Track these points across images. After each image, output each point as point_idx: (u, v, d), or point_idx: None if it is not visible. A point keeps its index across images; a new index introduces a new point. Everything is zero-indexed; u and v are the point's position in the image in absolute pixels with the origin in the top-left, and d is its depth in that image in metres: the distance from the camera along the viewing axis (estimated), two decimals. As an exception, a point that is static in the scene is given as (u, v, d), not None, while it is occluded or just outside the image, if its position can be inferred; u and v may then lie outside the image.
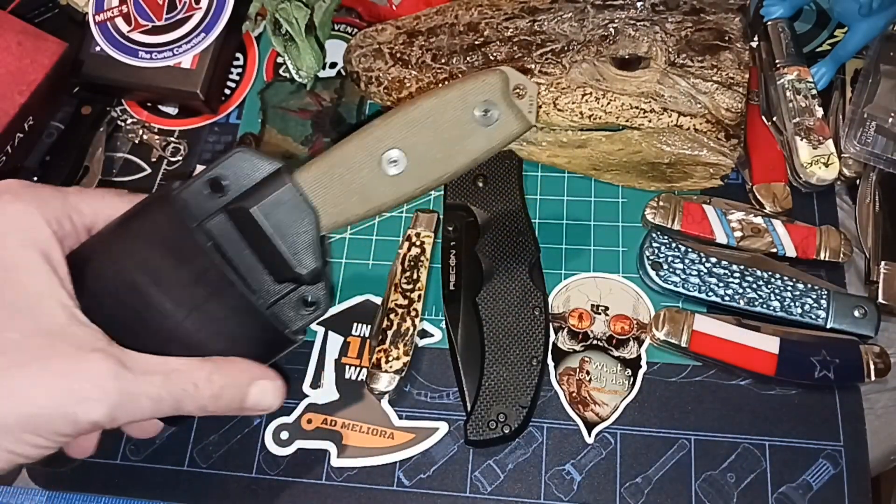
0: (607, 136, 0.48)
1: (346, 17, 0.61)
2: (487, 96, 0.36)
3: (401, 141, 0.36)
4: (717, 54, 0.47)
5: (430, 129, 0.36)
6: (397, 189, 0.36)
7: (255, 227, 0.35)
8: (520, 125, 0.36)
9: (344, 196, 0.36)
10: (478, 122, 0.36)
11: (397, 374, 0.45)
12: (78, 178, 0.55)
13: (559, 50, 0.48)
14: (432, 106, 0.36)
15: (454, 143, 0.36)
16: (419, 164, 0.36)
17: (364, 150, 0.36)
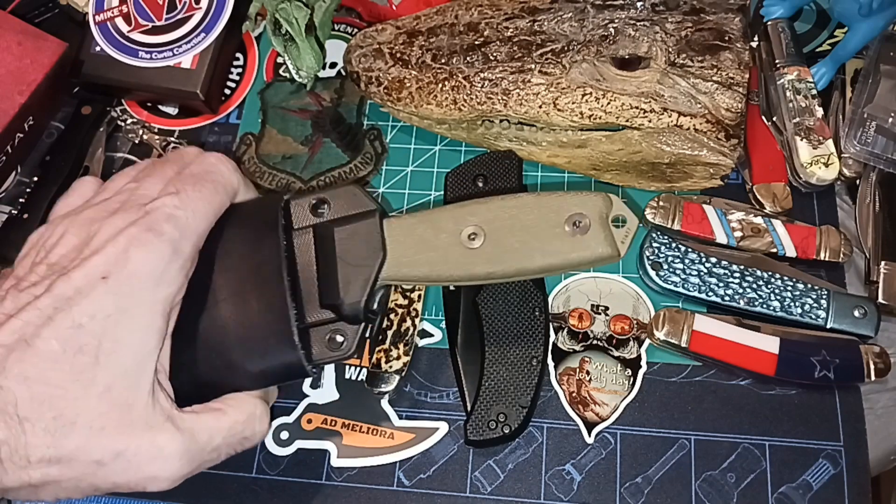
0: (607, 136, 0.48)
1: (346, 17, 0.61)
2: (584, 210, 0.36)
3: (488, 221, 0.37)
4: (717, 54, 0.47)
5: (517, 220, 0.36)
6: (467, 263, 0.36)
7: (329, 248, 0.37)
8: (606, 250, 0.36)
9: (416, 252, 0.37)
10: (566, 231, 0.36)
11: (397, 374, 0.45)
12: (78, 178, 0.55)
13: (559, 50, 0.48)
14: (528, 201, 0.37)
15: (536, 240, 0.36)
16: (495, 247, 0.36)
17: (452, 217, 0.37)
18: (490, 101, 0.48)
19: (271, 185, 0.54)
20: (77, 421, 0.31)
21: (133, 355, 0.32)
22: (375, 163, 0.54)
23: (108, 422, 0.31)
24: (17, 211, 0.52)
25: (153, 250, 0.33)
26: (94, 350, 0.31)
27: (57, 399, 0.30)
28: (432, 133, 0.54)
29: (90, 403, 0.31)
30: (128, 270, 0.32)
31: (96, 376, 0.31)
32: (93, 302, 0.32)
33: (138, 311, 0.32)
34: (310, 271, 0.37)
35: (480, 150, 0.54)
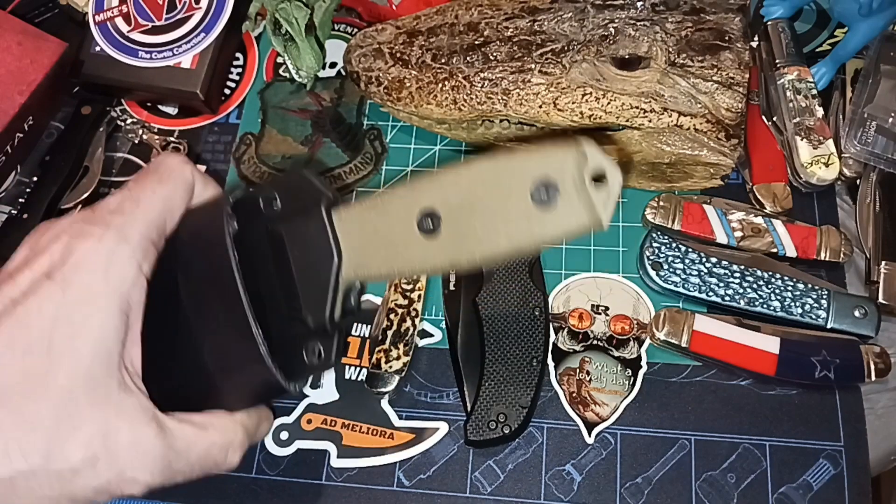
0: (607, 137, 0.48)
1: (346, 17, 0.61)
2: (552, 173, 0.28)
3: (442, 202, 0.30)
4: (717, 54, 0.47)
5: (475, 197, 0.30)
6: (426, 255, 0.31)
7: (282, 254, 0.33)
8: (586, 219, 0.28)
9: (372, 249, 0.32)
10: (533, 202, 0.28)
11: (397, 374, 0.45)
12: (78, 178, 0.55)
13: (559, 50, 0.48)
14: (485, 170, 0.29)
15: (500, 220, 0.29)
16: (455, 234, 0.30)
17: (403, 201, 0.31)
18: (490, 101, 0.48)
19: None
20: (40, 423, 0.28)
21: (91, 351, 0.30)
22: (375, 163, 0.54)
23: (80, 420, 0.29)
24: (17, 211, 0.52)
25: (96, 239, 0.31)
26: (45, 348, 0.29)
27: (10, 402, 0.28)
28: (432, 133, 0.54)
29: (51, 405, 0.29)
30: (71, 262, 0.31)
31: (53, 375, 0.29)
32: (37, 300, 0.30)
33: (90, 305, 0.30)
34: (272, 283, 0.33)
35: (480, 150, 0.53)
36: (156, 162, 0.36)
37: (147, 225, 0.33)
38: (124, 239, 0.32)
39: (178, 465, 0.32)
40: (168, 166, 0.35)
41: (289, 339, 0.33)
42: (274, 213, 0.34)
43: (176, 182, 0.35)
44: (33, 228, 0.34)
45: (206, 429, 0.34)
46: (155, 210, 0.33)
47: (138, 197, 0.33)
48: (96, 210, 0.33)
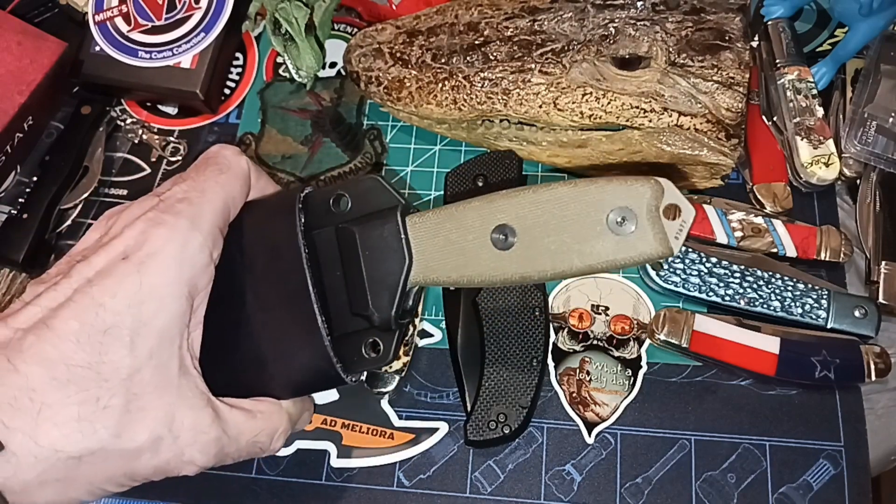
0: (607, 136, 0.48)
1: (346, 17, 0.61)
2: (629, 203, 0.30)
3: (518, 219, 0.32)
4: (717, 54, 0.47)
5: (552, 217, 0.31)
6: (498, 266, 0.33)
7: (353, 252, 0.35)
8: (657, 248, 0.30)
9: (444, 254, 0.33)
10: (609, 227, 0.30)
11: (397, 374, 0.45)
12: (77, 178, 0.55)
13: (559, 50, 0.48)
14: (564, 193, 0.31)
15: (574, 240, 0.31)
16: (528, 248, 0.32)
17: (479, 215, 0.33)
18: (490, 101, 0.48)
19: (271, 184, 0.54)
20: (111, 405, 0.30)
21: (158, 337, 0.31)
22: (375, 163, 0.54)
23: (147, 403, 0.31)
24: (17, 211, 0.52)
25: (171, 228, 0.32)
26: (120, 330, 0.30)
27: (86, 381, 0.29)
28: (432, 133, 0.54)
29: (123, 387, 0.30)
30: (147, 248, 0.32)
31: (124, 358, 0.30)
32: (115, 281, 0.31)
33: (162, 291, 0.31)
34: (336, 277, 0.35)
35: (480, 149, 0.53)
36: (212, 153, 0.37)
37: (215, 213, 0.34)
38: (197, 227, 0.33)
39: (228, 449, 0.34)
40: (225, 157, 0.36)
41: (349, 333, 0.35)
42: (343, 213, 0.35)
43: (235, 172, 0.36)
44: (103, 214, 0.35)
45: (255, 416, 0.35)
46: (220, 199, 0.35)
47: (203, 187, 0.35)
48: (164, 198, 0.34)
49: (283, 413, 0.36)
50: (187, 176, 0.36)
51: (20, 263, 0.51)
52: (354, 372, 0.36)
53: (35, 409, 0.28)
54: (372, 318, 0.34)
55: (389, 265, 0.34)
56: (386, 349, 0.35)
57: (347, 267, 0.35)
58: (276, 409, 0.36)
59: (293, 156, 0.55)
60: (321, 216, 0.36)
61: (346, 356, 0.35)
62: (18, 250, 0.51)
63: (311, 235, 0.36)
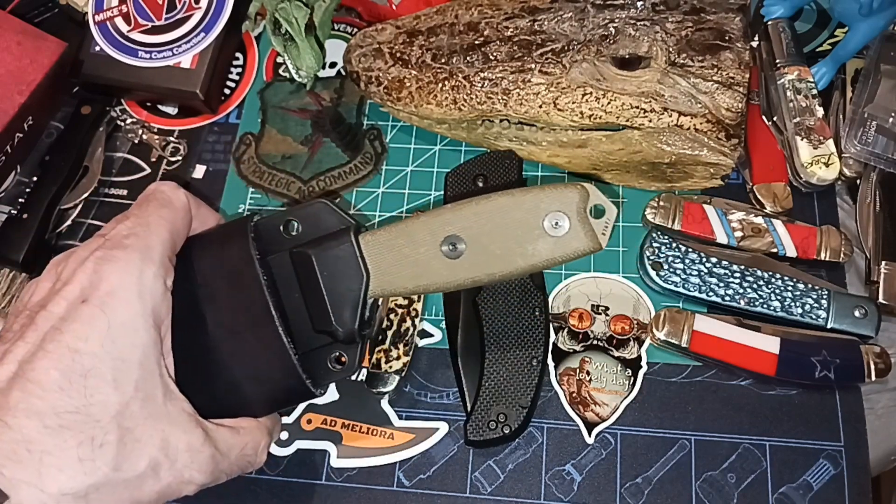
0: (607, 136, 0.48)
1: (346, 17, 0.61)
2: (561, 207, 0.35)
3: (465, 229, 0.36)
4: (717, 54, 0.47)
5: (495, 225, 0.35)
6: (450, 273, 0.36)
7: (310, 274, 0.36)
8: (588, 244, 0.35)
9: (398, 267, 0.36)
10: (545, 230, 0.35)
11: (397, 375, 0.45)
12: (77, 178, 0.55)
13: (559, 50, 0.48)
14: (504, 203, 0.36)
15: (516, 244, 0.35)
16: (477, 255, 0.36)
17: (428, 229, 0.36)
18: (490, 101, 0.48)
19: (271, 184, 0.54)
20: (107, 441, 0.31)
21: (139, 368, 0.32)
22: (375, 163, 0.54)
23: (140, 433, 0.32)
24: (17, 211, 0.52)
25: (122, 262, 0.33)
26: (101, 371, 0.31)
27: (77, 425, 0.30)
28: (432, 133, 0.54)
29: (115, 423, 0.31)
30: (105, 287, 0.32)
31: (111, 396, 0.31)
32: (81, 326, 0.31)
33: (131, 325, 0.32)
34: (295, 298, 0.37)
35: (480, 150, 0.53)
36: (151, 190, 0.38)
37: (163, 244, 0.35)
38: (148, 259, 0.34)
39: (222, 465, 0.35)
40: (164, 192, 0.38)
41: (314, 349, 0.37)
42: (294, 238, 0.38)
43: (175, 206, 0.38)
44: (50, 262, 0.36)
45: (240, 431, 0.37)
46: (166, 231, 0.36)
47: (147, 221, 0.36)
48: (109, 237, 0.35)
49: (263, 427, 0.38)
50: (130, 214, 0.37)
51: (20, 263, 0.51)
52: (323, 385, 0.38)
53: (36, 459, 0.29)
54: (336, 334, 0.37)
55: (348, 282, 0.36)
56: (351, 360, 0.37)
57: (306, 288, 0.37)
58: (256, 424, 0.38)
59: (293, 156, 0.55)
60: (273, 241, 0.37)
61: (314, 371, 0.37)
62: (18, 250, 0.51)
63: (265, 261, 0.37)
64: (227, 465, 0.35)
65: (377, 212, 0.53)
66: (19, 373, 0.30)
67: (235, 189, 0.55)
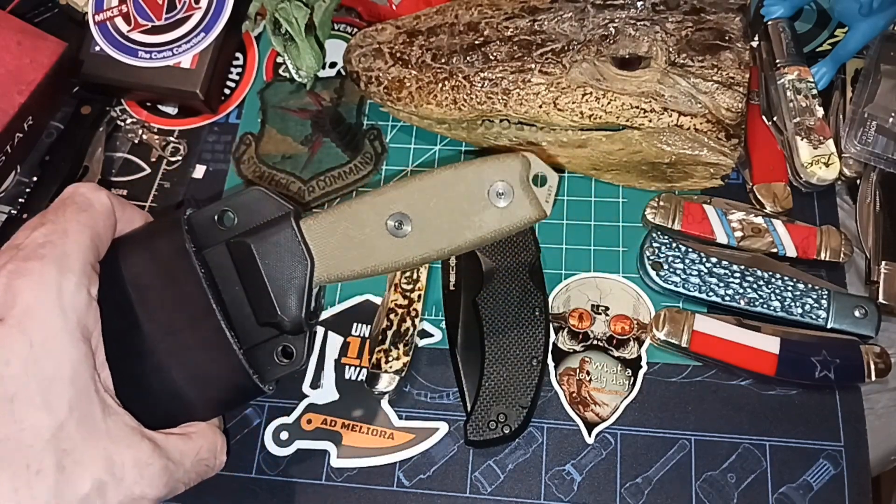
0: (607, 136, 0.48)
1: (346, 17, 0.61)
2: (504, 177, 0.35)
3: (409, 206, 0.35)
4: (717, 54, 0.47)
5: (440, 199, 0.35)
6: (398, 252, 0.35)
7: (250, 264, 0.35)
8: (533, 212, 0.35)
9: (343, 250, 0.35)
10: (490, 200, 0.35)
11: (397, 375, 0.45)
12: (77, 178, 0.55)
13: (559, 50, 0.48)
14: (447, 177, 0.35)
15: (463, 217, 0.35)
16: (424, 231, 0.35)
17: (372, 208, 0.35)
18: (490, 101, 0.48)
19: (271, 185, 0.54)
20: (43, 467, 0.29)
21: (70, 386, 0.30)
22: (375, 163, 0.54)
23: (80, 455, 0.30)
24: (17, 211, 0.52)
25: (38, 275, 0.30)
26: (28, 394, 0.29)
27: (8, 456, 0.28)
28: (432, 133, 0.54)
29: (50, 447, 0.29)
30: (21, 304, 0.30)
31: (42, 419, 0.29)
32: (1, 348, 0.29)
33: (55, 342, 0.30)
34: (236, 292, 0.36)
35: (480, 150, 0.53)
36: (68, 193, 0.36)
37: (83, 251, 0.33)
38: (67, 268, 0.31)
39: (177, 475, 0.33)
40: (83, 195, 0.35)
41: (259, 343, 0.36)
42: (230, 228, 0.36)
43: (96, 208, 0.35)
44: None
45: (191, 436, 0.35)
46: (85, 236, 0.33)
47: (64, 227, 0.33)
48: (23, 247, 0.32)
49: (214, 428, 0.37)
50: (45, 220, 0.33)
51: (20, 263, 0.51)
52: (270, 380, 0.37)
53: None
54: (282, 324, 0.35)
55: (292, 270, 0.35)
56: (299, 352, 0.36)
57: (246, 279, 0.35)
58: (206, 426, 0.36)
59: (293, 156, 0.55)
60: (208, 235, 0.36)
61: (260, 367, 0.36)
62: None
63: (202, 255, 0.35)
64: (182, 474, 0.34)
65: (377, 212, 0.53)
66: None
67: (235, 189, 0.55)
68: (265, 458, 0.45)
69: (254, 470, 0.45)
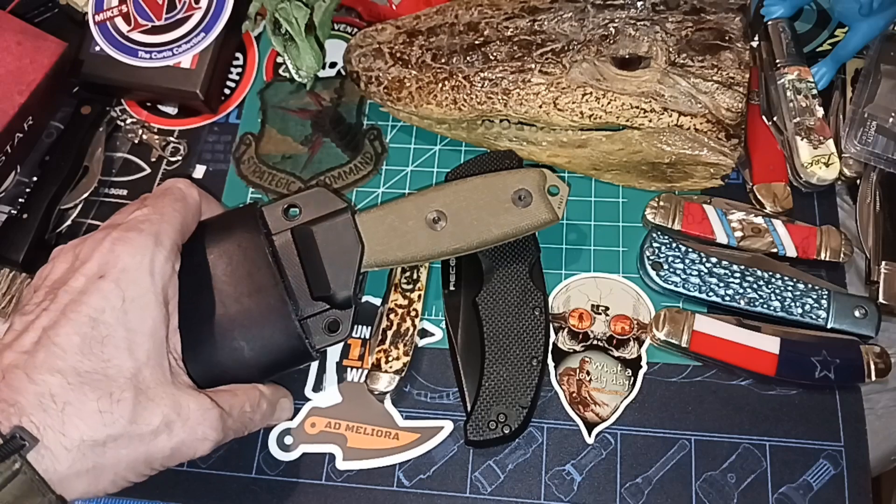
0: (607, 136, 0.48)
1: (346, 17, 0.61)
2: (525, 185, 0.43)
3: (446, 205, 0.42)
4: (717, 54, 0.47)
5: (472, 200, 0.43)
6: (434, 243, 0.42)
7: (310, 247, 0.41)
8: (548, 215, 0.43)
9: (389, 239, 0.42)
10: (513, 203, 0.43)
11: (397, 375, 0.45)
12: (77, 178, 0.55)
13: (559, 49, 0.48)
14: (479, 183, 0.43)
15: (490, 216, 0.42)
16: (457, 226, 0.42)
17: (415, 205, 0.42)
18: (490, 101, 0.48)
19: (271, 184, 0.54)
20: (124, 397, 0.34)
21: (150, 340, 0.35)
22: (375, 163, 0.54)
23: (153, 394, 0.35)
24: (17, 211, 0.52)
25: (138, 245, 0.37)
26: (116, 338, 0.34)
27: (97, 382, 0.33)
28: (432, 133, 0.54)
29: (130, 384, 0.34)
30: (120, 265, 0.36)
31: (125, 361, 0.34)
32: (99, 298, 0.35)
33: (143, 300, 0.36)
34: (296, 269, 0.42)
35: (480, 150, 0.53)
36: (168, 185, 0.42)
37: (174, 232, 0.39)
38: (160, 244, 0.38)
39: (229, 423, 0.38)
40: (180, 189, 0.42)
41: (311, 315, 0.42)
42: (295, 219, 0.43)
43: (188, 201, 0.42)
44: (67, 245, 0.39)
45: (236, 393, 0.40)
46: (177, 221, 0.40)
47: (161, 211, 0.39)
48: (126, 222, 0.38)
49: (254, 388, 0.41)
50: (146, 203, 0.40)
51: (20, 263, 0.51)
52: (317, 348, 0.42)
53: (59, 409, 0.32)
54: (333, 298, 0.41)
55: (346, 253, 0.41)
56: (344, 326, 0.42)
57: (306, 260, 0.42)
58: (247, 386, 0.41)
59: (293, 156, 0.55)
60: (276, 223, 0.43)
61: (311, 335, 0.42)
62: (18, 250, 0.51)
63: (270, 238, 0.42)
64: (232, 423, 0.38)
65: (377, 212, 0.53)
66: (43, 338, 0.34)
67: (235, 189, 0.55)
68: (265, 457, 0.45)
69: (254, 470, 0.45)
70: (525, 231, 0.43)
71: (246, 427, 0.40)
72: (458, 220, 0.42)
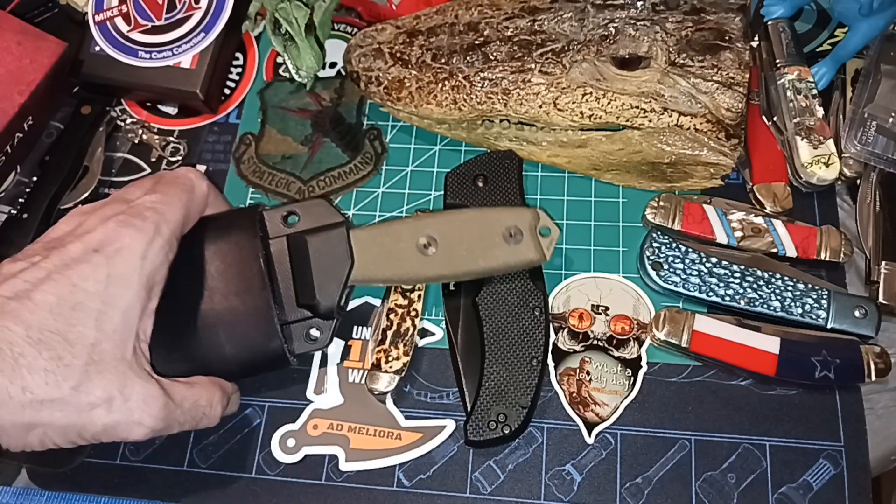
0: (607, 136, 0.48)
1: (346, 17, 0.61)
2: (518, 223, 0.43)
3: (439, 232, 0.43)
4: (717, 54, 0.47)
5: (464, 231, 0.43)
6: (423, 267, 0.43)
7: (303, 256, 0.42)
8: (536, 255, 0.43)
9: (379, 258, 0.43)
10: (503, 239, 0.43)
11: (397, 375, 0.45)
12: (77, 178, 0.55)
13: (559, 49, 0.48)
14: (473, 215, 0.44)
15: (480, 248, 0.43)
16: (446, 254, 0.43)
17: (409, 229, 0.43)
18: (490, 101, 0.48)
19: (271, 184, 0.54)
20: (73, 364, 0.35)
21: (121, 317, 0.36)
22: (375, 163, 0.54)
23: (104, 368, 0.36)
24: (17, 211, 0.52)
25: (139, 230, 0.38)
26: (88, 308, 0.36)
27: (54, 343, 0.34)
28: (432, 133, 0.54)
29: (85, 352, 0.35)
30: (117, 245, 0.37)
31: (89, 330, 0.35)
32: (88, 268, 0.36)
33: (127, 281, 0.37)
34: (286, 275, 0.42)
35: (480, 150, 0.53)
36: (181, 173, 0.43)
37: (176, 224, 0.40)
38: (159, 233, 0.39)
39: (174, 415, 0.38)
40: (191, 179, 0.43)
41: (294, 321, 0.42)
42: (292, 226, 0.44)
43: (195, 193, 0.43)
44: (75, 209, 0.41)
45: (193, 385, 0.40)
46: (181, 213, 0.41)
47: (169, 201, 0.41)
48: (134, 204, 0.40)
49: (215, 383, 0.42)
50: (157, 189, 0.41)
51: (20, 263, 0.51)
52: (295, 354, 0.42)
53: (13, 357, 0.34)
54: (317, 307, 0.42)
55: (336, 266, 0.42)
56: (324, 336, 0.43)
57: (297, 267, 0.42)
58: (208, 380, 0.41)
59: (293, 156, 0.55)
60: (274, 228, 0.43)
61: (290, 341, 0.42)
62: (18, 250, 0.50)
63: (266, 242, 0.43)
64: (180, 415, 0.39)
65: (377, 212, 0.53)
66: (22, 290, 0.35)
67: (235, 189, 0.55)
68: (265, 458, 0.45)
69: (254, 470, 0.45)
70: (511, 268, 0.44)
71: (198, 422, 0.40)
72: (449, 248, 0.43)
